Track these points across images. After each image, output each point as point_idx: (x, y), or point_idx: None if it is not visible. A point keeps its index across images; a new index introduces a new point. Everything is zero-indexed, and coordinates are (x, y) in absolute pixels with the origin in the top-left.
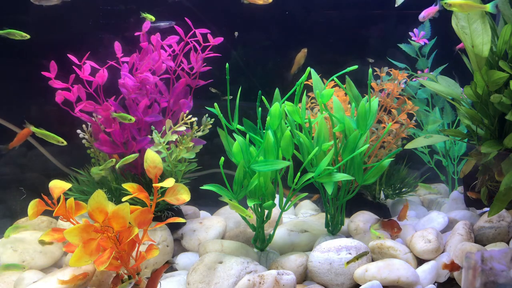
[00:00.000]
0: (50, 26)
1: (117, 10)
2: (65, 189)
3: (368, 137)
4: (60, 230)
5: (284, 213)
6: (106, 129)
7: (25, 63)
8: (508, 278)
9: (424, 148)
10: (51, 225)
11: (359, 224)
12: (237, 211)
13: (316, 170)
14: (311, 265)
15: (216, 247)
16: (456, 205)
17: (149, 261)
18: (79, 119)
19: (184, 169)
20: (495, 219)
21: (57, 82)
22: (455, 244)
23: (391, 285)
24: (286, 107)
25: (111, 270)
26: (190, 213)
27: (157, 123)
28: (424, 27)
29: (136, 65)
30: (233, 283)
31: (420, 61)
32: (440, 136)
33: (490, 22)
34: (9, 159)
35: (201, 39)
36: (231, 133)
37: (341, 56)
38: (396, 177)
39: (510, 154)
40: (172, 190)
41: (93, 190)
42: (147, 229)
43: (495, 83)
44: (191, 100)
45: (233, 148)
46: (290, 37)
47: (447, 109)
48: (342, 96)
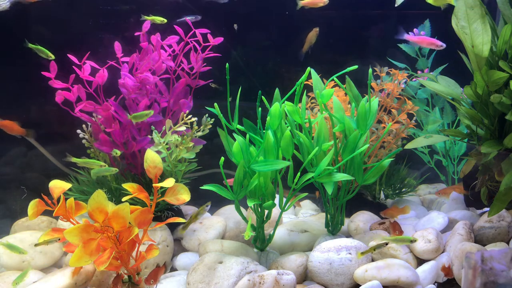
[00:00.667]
0: (50, 26)
1: (117, 10)
2: (65, 189)
3: (368, 137)
4: (60, 230)
5: (284, 213)
6: (106, 129)
7: (25, 63)
8: (508, 278)
9: (424, 148)
10: (51, 225)
11: (359, 224)
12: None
13: (316, 170)
14: (311, 265)
15: (216, 247)
16: (456, 205)
17: (149, 261)
18: (79, 119)
19: (184, 169)
20: (495, 219)
21: (57, 82)
22: (455, 244)
23: (391, 285)
24: (286, 107)
25: (111, 270)
26: (190, 213)
27: (157, 123)
28: (424, 27)
29: (136, 65)
30: (233, 283)
31: (420, 61)
32: (440, 136)
33: (490, 22)
34: (9, 159)
35: (201, 39)
36: (231, 133)
37: (341, 56)
38: (396, 177)
39: (510, 154)
40: (172, 190)
41: (93, 190)
42: (147, 229)
43: (495, 83)
44: (191, 100)
45: (233, 148)
46: (290, 37)
47: (447, 109)
48: (342, 96)
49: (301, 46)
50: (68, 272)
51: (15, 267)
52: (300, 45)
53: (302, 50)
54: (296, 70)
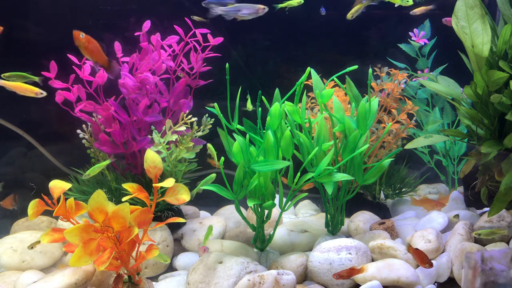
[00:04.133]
0: (50, 26)
1: (117, 10)
2: (65, 189)
3: (368, 137)
4: (60, 230)
5: (284, 213)
6: (106, 129)
7: (25, 63)
8: (508, 278)
9: (424, 148)
10: (51, 225)
11: (359, 224)
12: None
13: (316, 170)
14: (311, 265)
15: (216, 247)
16: (456, 205)
17: (149, 261)
18: (79, 119)
19: (184, 169)
20: (495, 219)
21: (57, 82)
22: (455, 244)
23: (391, 285)
24: (286, 107)
25: (111, 270)
26: (190, 213)
27: (157, 123)
28: (424, 27)
29: (136, 65)
30: (233, 283)
31: (420, 61)
32: (440, 136)
33: (490, 22)
34: (9, 159)
35: (201, 39)
36: (231, 133)
37: (341, 56)
38: (396, 177)
39: (510, 154)
40: (172, 190)
41: (93, 190)
42: (147, 229)
43: (495, 83)
44: (191, 100)
45: (233, 148)
46: (290, 37)
47: (447, 109)
48: (342, 96)
49: (301, 46)
50: (68, 272)
51: (15, 267)
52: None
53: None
54: (296, 70)
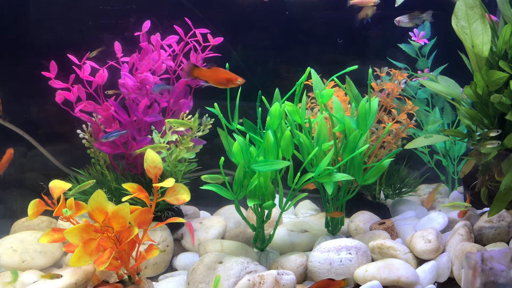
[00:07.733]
0: (50, 26)
1: (117, 10)
2: (65, 189)
3: (368, 137)
4: (60, 230)
5: (284, 213)
6: (106, 129)
7: (25, 63)
8: (508, 278)
9: (424, 148)
10: (51, 225)
11: (359, 224)
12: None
13: (316, 170)
14: (311, 265)
15: (216, 247)
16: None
17: (149, 261)
18: (79, 119)
19: (184, 169)
20: (495, 219)
21: (57, 82)
22: (455, 244)
23: (391, 285)
24: (286, 107)
25: (111, 270)
26: (190, 213)
27: (157, 123)
28: (424, 27)
29: (136, 65)
30: (233, 283)
31: (420, 61)
32: (440, 136)
33: (490, 22)
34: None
35: (201, 39)
36: (231, 133)
37: (341, 56)
38: (396, 177)
39: (510, 154)
40: (172, 190)
41: (93, 190)
42: (147, 229)
43: (495, 83)
44: (191, 100)
45: (233, 148)
46: (290, 37)
47: (447, 109)
48: (342, 96)
49: (301, 46)
50: (68, 272)
51: (15, 267)
52: (300, 45)
53: (357, 16)
54: (296, 70)
